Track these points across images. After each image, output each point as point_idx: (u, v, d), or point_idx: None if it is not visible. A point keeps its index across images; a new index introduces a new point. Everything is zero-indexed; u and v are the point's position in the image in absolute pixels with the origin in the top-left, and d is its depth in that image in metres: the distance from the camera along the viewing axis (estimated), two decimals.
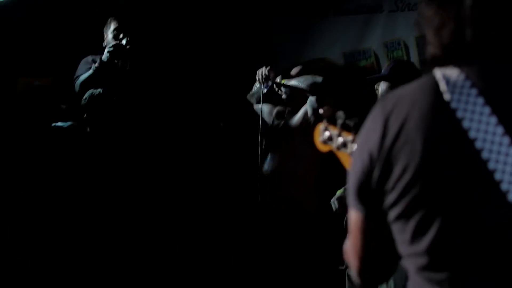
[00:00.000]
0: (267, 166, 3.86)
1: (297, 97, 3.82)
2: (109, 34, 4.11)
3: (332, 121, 1.60)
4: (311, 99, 3.70)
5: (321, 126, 1.63)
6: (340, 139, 1.55)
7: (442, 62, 1.14)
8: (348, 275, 3.35)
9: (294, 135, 3.80)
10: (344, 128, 1.55)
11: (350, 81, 3.77)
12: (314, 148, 3.82)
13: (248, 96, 3.95)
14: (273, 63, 4.03)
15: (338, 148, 1.56)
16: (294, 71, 3.91)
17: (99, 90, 3.70)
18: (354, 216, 1.22)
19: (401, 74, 3.33)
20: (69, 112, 3.80)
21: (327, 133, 1.61)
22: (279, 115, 3.93)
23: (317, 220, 3.76)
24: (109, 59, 3.93)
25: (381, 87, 3.38)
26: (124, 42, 3.94)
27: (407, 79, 3.26)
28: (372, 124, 1.17)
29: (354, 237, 1.24)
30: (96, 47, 4.18)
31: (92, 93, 3.70)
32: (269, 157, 3.86)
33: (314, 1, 4.82)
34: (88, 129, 3.72)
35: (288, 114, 3.91)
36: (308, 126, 3.76)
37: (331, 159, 3.73)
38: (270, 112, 3.95)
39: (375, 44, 4.63)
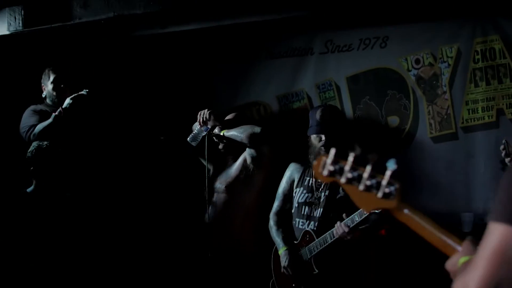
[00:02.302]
0: (208, 213, 3.91)
1: (233, 145, 3.87)
2: (48, 85, 4.07)
3: (342, 155, 1.58)
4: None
5: (326, 158, 1.60)
6: (351, 174, 1.55)
7: None
8: None
9: (234, 181, 3.87)
10: (358, 162, 1.55)
11: (285, 129, 3.83)
12: (254, 195, 3.87)
13: (189, 139, 3.94)
14: (210, 105, 4.10)
15: (349, 181, 1.55)
16: (228, 117, 3.97)
17: (46, 142, 3.63)
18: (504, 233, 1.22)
19: (328, 123, 3.57)
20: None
21: (333, 167, 1.58)
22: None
23: (255, 260, 3.86)
24: (70, 106, 3.89)
25: (312, 137, 3.63)
26: (84, 92, 3.93)
27: (335, 125, 3.42)
28: None
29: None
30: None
31: (38, 145, 3.62)
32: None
33: (247, 46, 4.90)
34: (34, 182, 3.64)
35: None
36: (247, 173, 3.83)
37: (268, 205, 3.82)
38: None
39: (307, 86, 4.70)
